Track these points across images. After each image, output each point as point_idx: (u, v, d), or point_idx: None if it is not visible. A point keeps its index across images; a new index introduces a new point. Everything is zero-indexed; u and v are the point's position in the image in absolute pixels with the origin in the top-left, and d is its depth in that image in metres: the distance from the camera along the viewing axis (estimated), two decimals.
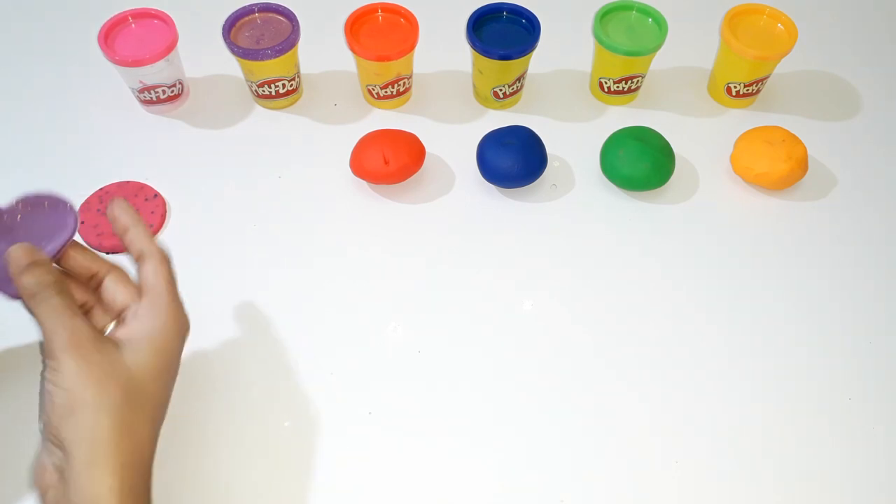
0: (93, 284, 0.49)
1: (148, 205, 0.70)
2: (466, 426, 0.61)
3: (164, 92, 0.76)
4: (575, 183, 0.75)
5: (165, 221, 0.70)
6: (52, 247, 0.45)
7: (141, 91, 0.76)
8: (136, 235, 0.48)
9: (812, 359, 0.65)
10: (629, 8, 0.78)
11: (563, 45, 0.83)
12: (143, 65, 0.72)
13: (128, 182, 0.72)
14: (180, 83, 0.77)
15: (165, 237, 0.70)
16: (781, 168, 0.71)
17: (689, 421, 0.61)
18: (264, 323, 0.65)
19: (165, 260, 0.49)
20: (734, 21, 0.77)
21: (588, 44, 0.82)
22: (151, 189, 0.72)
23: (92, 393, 0.41)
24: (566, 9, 0.86)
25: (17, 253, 0.43)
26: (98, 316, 0.49)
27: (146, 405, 0.44)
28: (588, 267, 0.69)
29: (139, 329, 0.45)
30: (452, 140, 0.77)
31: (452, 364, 0.63)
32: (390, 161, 0.70)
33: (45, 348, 0.42)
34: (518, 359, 0.64)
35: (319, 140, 0.77)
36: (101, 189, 0.71)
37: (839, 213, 0.74)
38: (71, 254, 0.48)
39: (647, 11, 0.77)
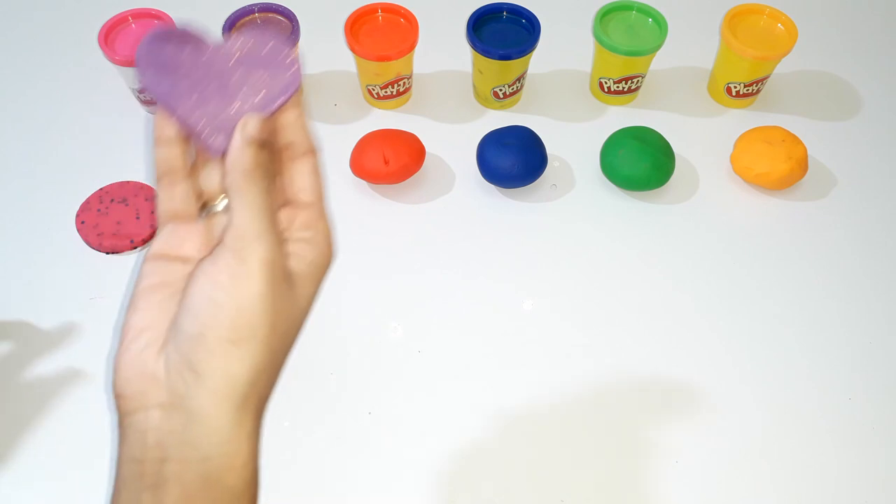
0: (279, 158, 0.38)
1: (148, 204, 0.70)
2: (466, 426, 0.61)
3: None
4: (575, 183, 0.75)
5: None
6: (271, 107, 0.37)
7: (141, 91, 0.76)
8: (296, 121, 0.38)
9: (812, 359, 0.65)
10: (629, 8, 0.78)
11: (563, 45, 0.83)
12: None
13: (128, 182, 0.72)
14: None
15: None
16: (781, 168, 0.71)
17: (689, 421, 0.61)
18: None
19: (318, 163, 0.39)
20: (734, 21, 0.77)
21: (588, 44, 0.82)
22: (151, 188, 0.72)
23: (266, 330, 0.33)
24: (566, 9, 0.86)
25: (254, 123, 0.34)
26: None
27: (286, 354, 0.36)
28: (588, 267, 0.69)
29: (306, 262, 0.36)
30: (452, 140, 0.77)
31: (452, 364, 0.63)
32: (390, 161, 0.70)
33: (230, 240, 0.33)
34: (518, 358, 0.64)
35: (319, 140, 0.77)
36: (100, 189, 0.71)
37: (839, 213, 0.74)
38: (285, 118, 0.38)
39: (647, 11, 0.77)
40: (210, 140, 0.36)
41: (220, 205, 0.37)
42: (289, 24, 0.75)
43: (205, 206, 0.37)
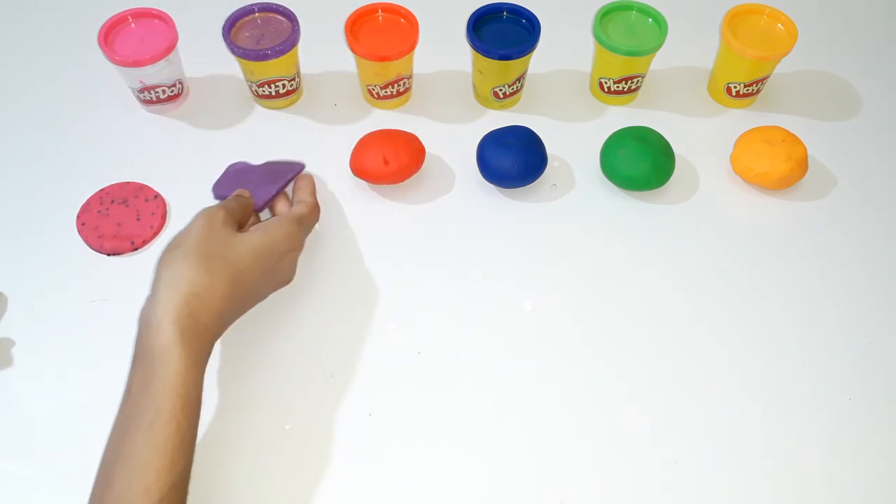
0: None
1: (148, 205, 0.70)
2: (467, 427, 0.61)
3: (164, 92, 0.76)
4: (575, 183, 0.75)
5: (166, 222, 0.70)
6: (266, 195, 0.67)
7: (141, 91, 0.76)
8: (303, 189, 0.69)
9: (812, 359, 0.65)
10: (629, 8, 0.78)
11: (563, 45, 0.83)
12: (143, 65, 0.72)
13: (128, 182, 0.72)
14: (180, 83, 0.77)
15: (166, 237, 0.70)
16: (781, 168, 0.71)
17: (689, 421, 0.61)
18: (264, 324, 0.65)
19: (311, 208, 0.66)
20: (734, 21, 0.77)
21: (588, 44, 0.82)
22: (152, 189, 0.72)
23: (194, 240, 0.56)
24: (566, 9, 0.86)
25: (240, 192, 0.66)
26: None
27: (232, 265, 0.56)
28: (588, 267, 0.70)
29: (258, 227, 0.61)
30: (452, 140, 0.77)
31: (452, 365, 0.63)
32: (390, 161, 0.70)
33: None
34: (518, 359, 0.64)
35: (319, 140, 0.77)
36: (101, 190, 0.71)
37: (839, 213, 0.74)
38: (301, 182, 0.70)
39: (647, 11, 0.77)
40: (259, 195, 0.67)
41: None
42: (289, 24, 0.75)
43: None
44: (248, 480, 0.58)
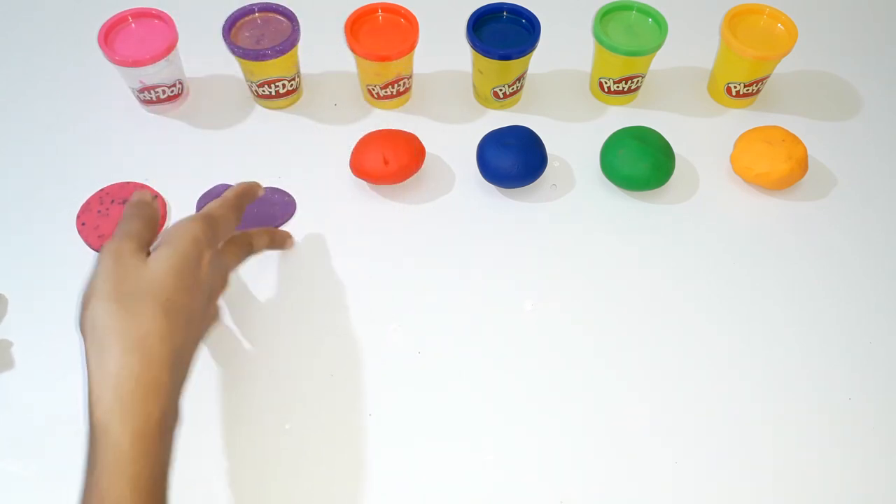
0: None
1: None
2: (467, 427, 0.61)
3: (164, 92, 0.76)
4: (575, 183, 0.75)
5: (166, 222, 0.70)
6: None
7: (141, 91, 0.76)
8: (234, 189, 0.61)
9: (812, 359, 0.65)
10: (629, 8, 0.78)
11: (563, 45, 0.83)
12: (143, 65, 0.72)
13: (128, 183, 0.72)
14: (180, 83, 0.77)
15: None
16: (781, 168, 0.71)
17: (689, 421, 0.61)
18: (264, 324, 0.65)
19: (225, 204, 0.58)
20: (734, 21, 0.77)
21: (588, 44, 0.82)
22: (152, 189, 0.72)
23: (109, 285, 0.47)
24: (566, 9, 0.86)
25: (139, 199, 0.56)
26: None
27: (157, 297, 0.48)
28: (588, 267, 0.70)
29: (160, 241, 0.53)
30: (452, 140, 0.77)
31: (453, 365, 0.63)
32: (390, 161, 0.70)
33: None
34: (518, 359, 0.64)
35: (319, 140, 0.77)
36: (101, 190, 0.71)
37: (839, 213, 0.74)
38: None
39: (647, 11, 0.78)
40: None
41: None
42: (289, 24, 0.75)
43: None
44: (248, 481, 0.58)
